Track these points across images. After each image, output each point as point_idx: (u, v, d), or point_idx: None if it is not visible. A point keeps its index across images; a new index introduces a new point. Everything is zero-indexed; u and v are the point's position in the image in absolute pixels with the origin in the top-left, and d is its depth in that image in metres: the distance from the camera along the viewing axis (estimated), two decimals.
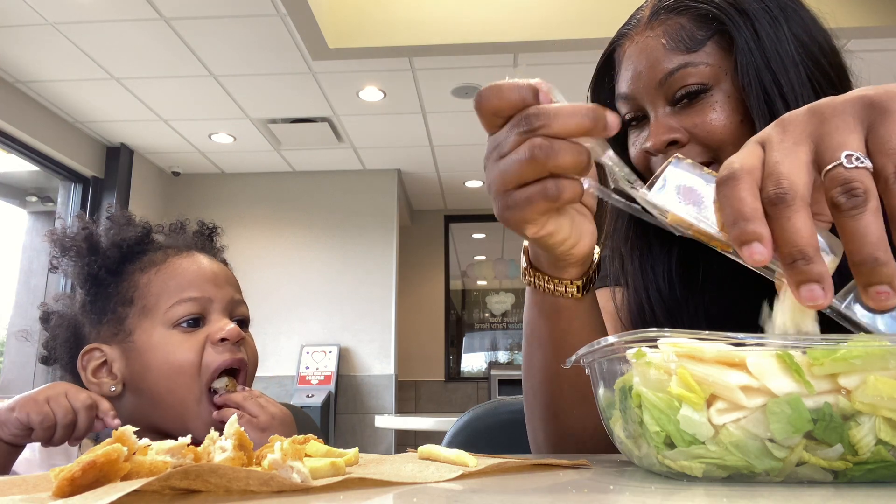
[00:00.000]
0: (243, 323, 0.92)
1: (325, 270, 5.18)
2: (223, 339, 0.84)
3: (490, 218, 6.59)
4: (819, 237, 0.40)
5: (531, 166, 0.50)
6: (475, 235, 7.41)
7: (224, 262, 0.99)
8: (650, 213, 0.49)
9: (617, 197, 0.52)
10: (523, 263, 0.65)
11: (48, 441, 0.74)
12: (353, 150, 4.96)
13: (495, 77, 0.52)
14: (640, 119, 0.77)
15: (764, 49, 0.70)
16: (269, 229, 5.22)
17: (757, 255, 0.40)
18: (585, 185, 0.52)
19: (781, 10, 0.73)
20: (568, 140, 0.49)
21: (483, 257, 8.17)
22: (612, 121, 0.49)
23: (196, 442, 0.41)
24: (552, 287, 0.63)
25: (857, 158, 0.39)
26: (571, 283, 0.62)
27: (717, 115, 0.71)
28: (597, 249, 0.64)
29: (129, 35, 3.34)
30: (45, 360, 0.92)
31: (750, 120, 0.71)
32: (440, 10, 3.34)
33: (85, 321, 0.89)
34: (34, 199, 4.82)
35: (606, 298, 0.85)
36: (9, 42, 3.39)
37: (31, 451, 0.80)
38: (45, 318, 0.92)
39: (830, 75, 0.71)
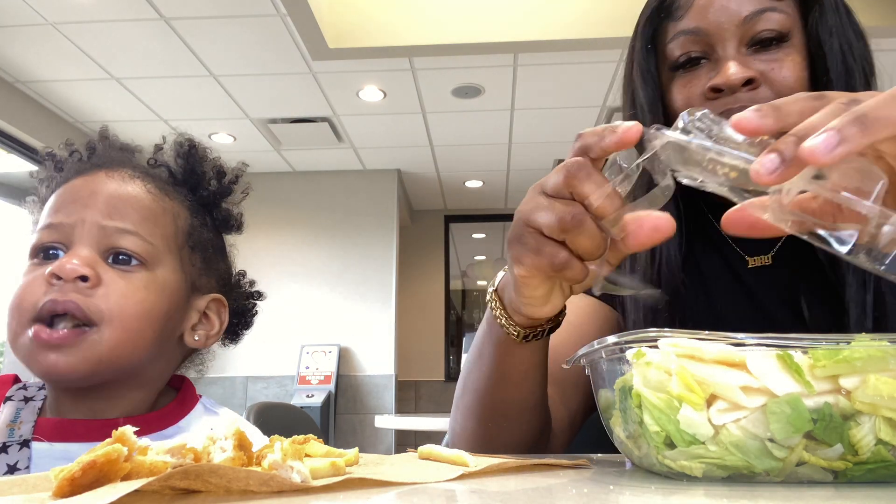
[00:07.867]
0: (130, 258, 0.70)
1: (325, 270, 5.18)
2: (55, 276, 0.66)
3: (490, 218, 6.59)
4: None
5: (555, 230, 0.51)
6: (475, 235, 7.41)
7: (200, 181, 0.82)
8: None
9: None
10: (494, 284, 0.65)
11: None
12: (353, 150, 4.96)
13: (495, 77, 0.52)
14: (695, 62, 0.77)
15: (841, 16, 0.76)
16: (269, 229, 5.22)
17: (765, 167, 0.38)
18: (593, 270, 0.53)
19: (846, 5, 0.79)
20: (599, 229, 0.50)
21: (483, 257, 8.16)
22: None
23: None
24: (500, 318, 0.63)
25: None
26: (515, 327, 0.62)
27: (790, 66, 0.74)
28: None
29: (129, 35, 3.34)
30: None
31: (813, 81, 0.75)
32: (440, 10, 3.34)
33: None
34: (34, 199, 4.82)
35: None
36: (9, 42, 3.39)
37: None
38: None
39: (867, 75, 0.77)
